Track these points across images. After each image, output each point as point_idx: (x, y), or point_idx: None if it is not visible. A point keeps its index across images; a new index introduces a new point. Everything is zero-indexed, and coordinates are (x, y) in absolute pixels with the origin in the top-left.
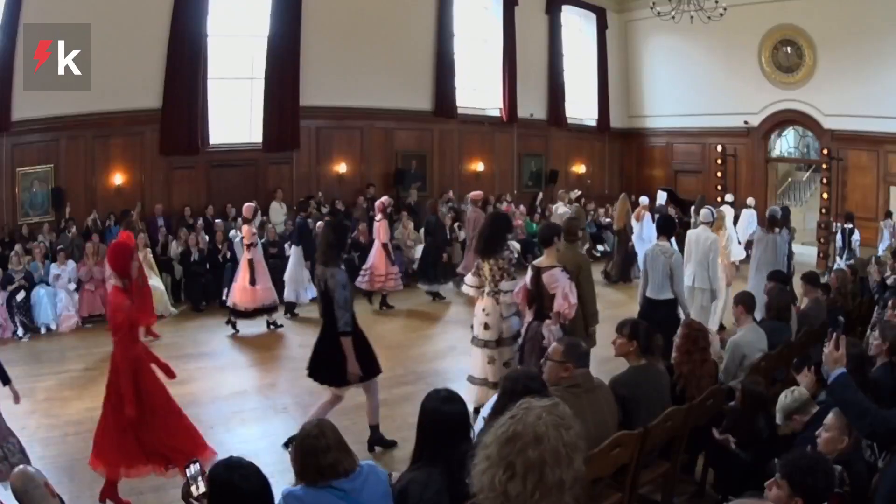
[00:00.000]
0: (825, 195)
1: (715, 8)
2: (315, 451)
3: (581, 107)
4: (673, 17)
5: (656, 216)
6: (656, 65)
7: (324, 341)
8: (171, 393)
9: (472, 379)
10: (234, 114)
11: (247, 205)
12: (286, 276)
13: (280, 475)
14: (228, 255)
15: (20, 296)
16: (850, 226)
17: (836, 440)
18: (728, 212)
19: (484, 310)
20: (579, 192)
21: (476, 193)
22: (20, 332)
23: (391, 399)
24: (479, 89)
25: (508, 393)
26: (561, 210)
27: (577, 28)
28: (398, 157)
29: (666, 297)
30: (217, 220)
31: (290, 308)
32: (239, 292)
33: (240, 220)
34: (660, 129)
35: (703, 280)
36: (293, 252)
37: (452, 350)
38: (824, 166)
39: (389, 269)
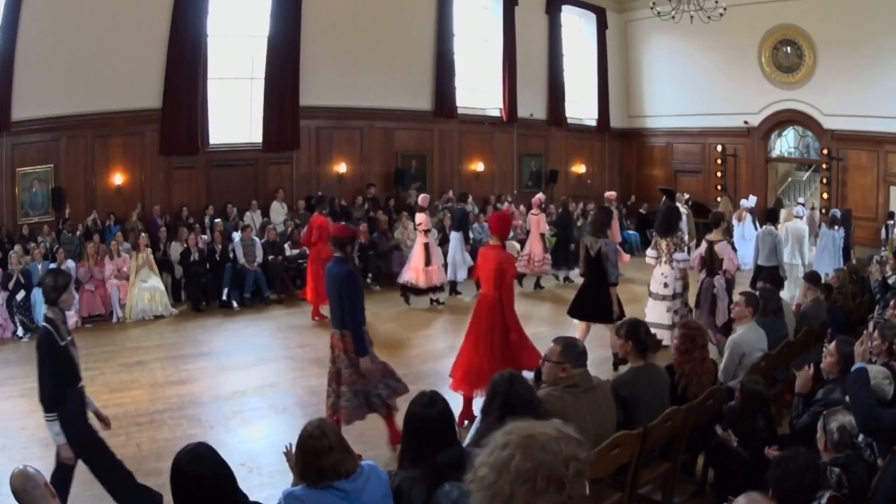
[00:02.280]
0: (825, 195)
1: (715, 8)
2: (317, 451)
3: (581, 107)
4: (673, 17)
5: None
6: (656, 65)
7: (587, 289)
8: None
9: (651, 325)
10: (234, 114)
11: (423, 196)
12: (448, 259)
13: (280, 475)
14: (232, 255)
15: (20, 296)
16: (892, 221)
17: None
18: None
19: (663, 273)
20: (688, 196)
21: (610, 193)
22: (20, 332)
23: None
24: (479, 89)
25: (493, 393)
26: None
27: (577, 28)
28: (398, 157)
29: (771, 264)
30: (217, 220)
31: (453, 287)
32: (413, 272)
33: (245, 217)
34: (660, 129)
35: (798, 258)
36: (454, 237)
37: (452, 350)
38: (824, 166)
39: (544, 255)
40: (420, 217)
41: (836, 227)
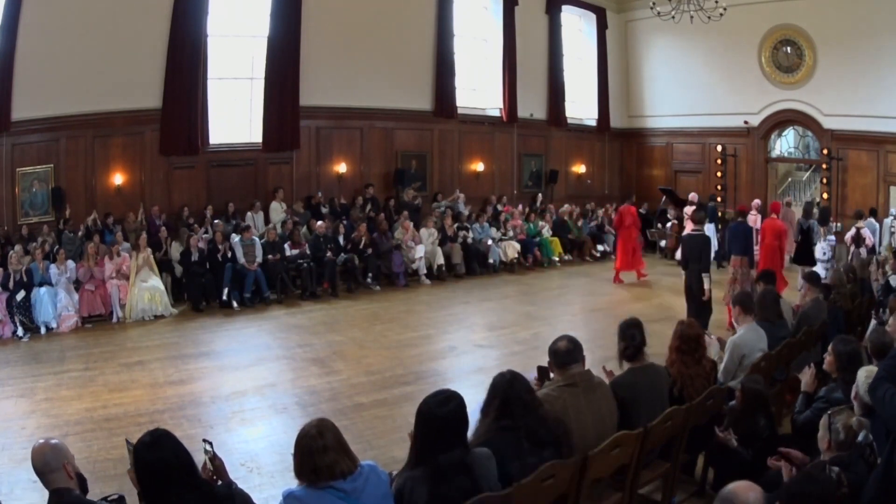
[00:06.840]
0: (825, 195)
1: (715, 8)
2: (312, 451)
3: (581, 107)
4: (673, 18)
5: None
6: (656, 65)
7: (801, 247)
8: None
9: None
10: (234, 114)
11: (692, 193)
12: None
13: (280, 475)
14: (229, 254)
15: (20, 295)
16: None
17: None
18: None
19: (821, 247)
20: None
21: (788, 199)
22: (20, 331)
23: (391, 399)
24: (479, 89)
25: (492, 393)
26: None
27: (577, 28)
28: (398, 157)
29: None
30: (217, 220)
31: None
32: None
33: (245, 218)
34: (660, 129)
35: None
36: (707, 228)
37: (452, 350)
38: (824, 166)
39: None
40: (687, 209)
41: None
